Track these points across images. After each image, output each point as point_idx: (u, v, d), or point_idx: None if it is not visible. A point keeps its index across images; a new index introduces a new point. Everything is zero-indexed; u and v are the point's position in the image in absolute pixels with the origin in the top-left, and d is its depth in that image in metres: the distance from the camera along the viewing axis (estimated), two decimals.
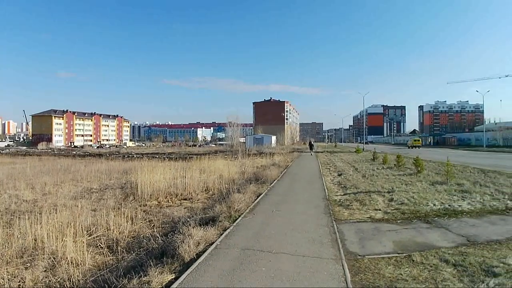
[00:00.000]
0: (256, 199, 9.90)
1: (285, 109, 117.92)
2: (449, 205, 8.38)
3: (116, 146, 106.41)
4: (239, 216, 7.63)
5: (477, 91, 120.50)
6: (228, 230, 6.43)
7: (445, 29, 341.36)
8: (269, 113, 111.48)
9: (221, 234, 6.17)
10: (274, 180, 14.42)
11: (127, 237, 6.26)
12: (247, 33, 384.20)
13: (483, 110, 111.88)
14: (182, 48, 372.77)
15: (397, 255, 5.05)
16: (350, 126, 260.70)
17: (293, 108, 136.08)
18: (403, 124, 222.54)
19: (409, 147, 58.51)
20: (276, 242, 5.68)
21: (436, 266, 4.55)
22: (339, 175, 16.27)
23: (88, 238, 5.94)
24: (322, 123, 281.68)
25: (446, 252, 5.05)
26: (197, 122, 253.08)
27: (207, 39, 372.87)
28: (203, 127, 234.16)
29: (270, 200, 9.91)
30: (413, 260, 4.78)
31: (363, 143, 65.08)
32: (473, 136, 70.87)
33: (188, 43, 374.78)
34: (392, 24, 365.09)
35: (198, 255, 5.10)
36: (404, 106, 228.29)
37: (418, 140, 65.53)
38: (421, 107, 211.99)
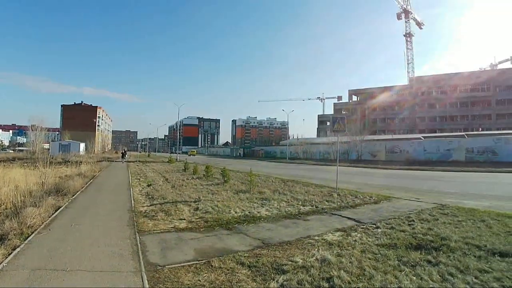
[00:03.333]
0: (55, 213, 8.96)
1: (97, 115, 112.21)
2: (249, 212, 9.20)
3: None
4: (33, 232, 6.77)
5: (283, 110, 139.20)
6: (18, 249, 5.64)
7: (254, 53, 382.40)
8: (79, 118, 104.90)
9: (10, 254, 5.38)
10: (78, 192, 13.36)
11: None
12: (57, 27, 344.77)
13: (288, 127, 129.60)
14: None
15: (197, 262, 5.22)
16: (165, 136, 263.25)
17: (106, 114, 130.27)
18: (217, 136, 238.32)
19: (189, 155, 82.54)
20: (72, 259, 5.24)
21: (233, 269, 4.89)
22: (149, 185, 16.10)
23: None
24: (137, 132, 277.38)
25: (242, 255, 5.49)
26: None
27: None
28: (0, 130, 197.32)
29: (70, 213, 9.09)
30: (212, 266, 5.02)
31: (177, 153, 67.21)
32: (278, 149, 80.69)
33: None
34: (210, 43, 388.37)
35: None
36: (219, 119, 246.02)
37: (194, 151, 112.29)
38: (234, 121, 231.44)
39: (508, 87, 76.81)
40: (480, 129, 67.47)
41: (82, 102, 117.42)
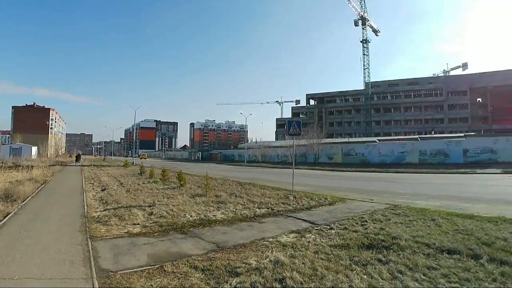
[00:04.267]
0: (3, 219, 8.58)
1: (50, 117, 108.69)
2: (205, 216, 9.14)
3: None
4: None
5: (241, 113, 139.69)
6: None
7: (214, 56, 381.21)
8: (31, 121, 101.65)
9: None
10: (28, 197, 12.88)
11: None
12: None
13: (247, 130, 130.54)
14: None
15: (150, 267, 5.14)
16: (121, 139, 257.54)
17: (60, 117, 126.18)
18: (175, 140, 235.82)
19: (140, 158, 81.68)
20: (20, 267, 5.04)
21: (186, 273, 4.83)
22: (103, 190, 15.71)
23: None
24: (92, 135, 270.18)
25: (196, 259, 5.44)
26: None
27: None
28: None
29: (20, 219, 8.75)
30: (165, 270, 4.95)
31: (133, 157, 65.91)
32: (236, 153, 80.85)
33: None
34: (169, 46, 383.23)
35: None
36: (177, 122, 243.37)
37: (145, 154, 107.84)
38: (192, 124, 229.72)
39: (459, 93, 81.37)
40: (433, 133, 70.77)
41: (34, 103, 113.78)
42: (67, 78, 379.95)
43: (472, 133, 51.73)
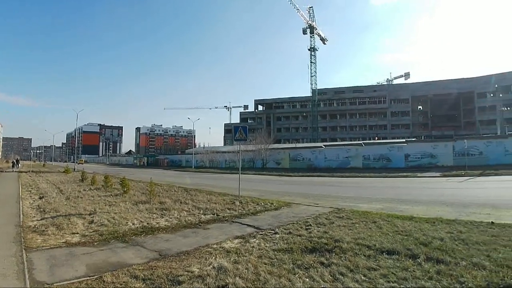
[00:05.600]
0: None
1: None
2: (148, 223, 8.93)
3: None
4: None
5: (188, 118, 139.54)
6: None
7: (162, 59, 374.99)
8: None
9: None
10: None
11: None
12: None
13: (194, 135, 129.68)
14: None
15: (89, 278, 4.95)
16: (63, 144, 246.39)
17: None
18: (120, 145, 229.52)
19: (77, 164, 72.08)
20: None
21: (126, 283, 4.68)
22: (41, 198, 14.97)
23: None
24: (31, 139, 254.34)
25: (137, 268, 5.29)
26: None
27: None
28: None
29: None
30: (104, 281, 4.77)
31: (75, 162, 64.47)
32: (184, 158, 79.91)
33: None
34: (116, 47, 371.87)
35: None
36: (122, 127, 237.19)
37: (81, 160, 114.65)
38: (138, 129, 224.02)
39: (401, 101, 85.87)
40: (377, 138, 73.77)
41: None
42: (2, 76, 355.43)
43: (413, 139, 54.66)
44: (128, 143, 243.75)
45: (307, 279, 4.63)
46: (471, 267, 4.90)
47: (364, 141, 54.14)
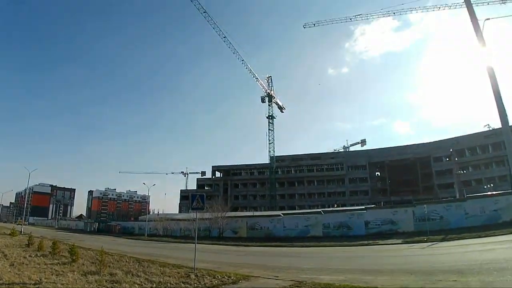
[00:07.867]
0: None
1: None
2: None
3: None
4: None
5: (144, 183, 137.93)
6: None
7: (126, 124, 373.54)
8: None
9: None
10: None
11: None
12: None
13: (149, 201, 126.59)
14: None
15: None
16: (11, 203, 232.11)
17: None
18: (71, 208, 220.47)
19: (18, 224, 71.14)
20: None
21: None
22: None
23: None
24: None
25: None
26: None
27: None
28: None
29: None
30: None
31: (22, 224, 60.98)
32: (136, 225, 76.84)
33: None
34: (65, 108, 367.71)
35: None
36: (74, 189, 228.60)
37: (21, 220, 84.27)
38: (91, 192, 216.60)
39: (359, 167, 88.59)
40: (336, 205, 74.57)
41: None
42: None
43: (373, 206, 55.46)
44: (80, 206, 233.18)
45: None
46: None
47: (323, 209, 54.42)
